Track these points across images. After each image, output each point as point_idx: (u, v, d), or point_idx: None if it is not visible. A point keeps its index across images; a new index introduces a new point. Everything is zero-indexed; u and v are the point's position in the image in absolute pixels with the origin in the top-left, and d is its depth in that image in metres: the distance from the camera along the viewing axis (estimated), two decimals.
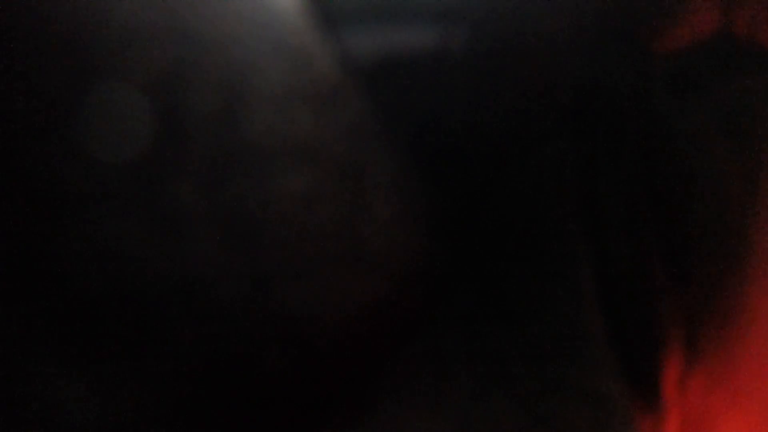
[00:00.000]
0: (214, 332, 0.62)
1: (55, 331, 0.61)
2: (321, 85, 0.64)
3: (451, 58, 0.69)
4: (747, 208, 0.77)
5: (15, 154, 0.57)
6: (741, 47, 0.76)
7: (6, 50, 0.57)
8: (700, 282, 0.77)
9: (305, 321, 0.65)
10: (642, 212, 0.77)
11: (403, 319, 0.71)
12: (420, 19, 0.67)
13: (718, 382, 0.77)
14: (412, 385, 0.73)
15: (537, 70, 0.71)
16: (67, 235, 0.59)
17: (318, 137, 0.64)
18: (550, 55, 0.71)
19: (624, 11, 0.73)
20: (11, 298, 0.59)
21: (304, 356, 0.66)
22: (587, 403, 0.75)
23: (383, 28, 0.67)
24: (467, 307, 0.74)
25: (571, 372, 0.75)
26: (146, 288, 0.61)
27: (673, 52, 0.75)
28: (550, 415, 0.74)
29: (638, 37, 0.75)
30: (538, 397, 0.75)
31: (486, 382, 0.74)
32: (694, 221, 0.77)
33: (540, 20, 0.69)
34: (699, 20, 0.75)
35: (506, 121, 0.72)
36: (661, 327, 0.77)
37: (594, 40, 0.73)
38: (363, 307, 0.67)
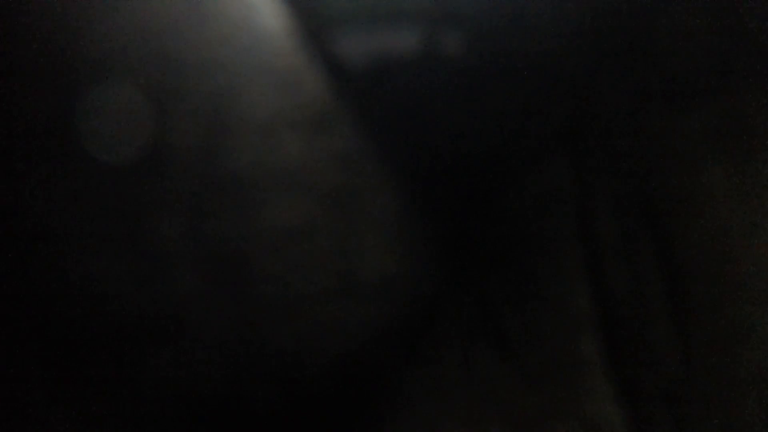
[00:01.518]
0: (202, 369, 0.60)
1: (41, 369, 0.59)
2: (308, 109, 0.62)
3: (444, 76, 0.67)
4: (746, 228, 0.76)
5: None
6: (733, 57, 0.75)
7: None
8: (697, 303, 0.76)
9: (297, 354, 0.63)
10: (638, 234, 0.76)
11: (399, 347, 0.70)
12: (413, 35, 0.66)
13: (716, 403, 0.76)
14: (410, 410, 0.71)
15: (533, 89, 0.69)
16: (52, 274, 0.57)
17: (306, 165, 0.61)
18: (547, 73, 0.70)
19: (620, 26, 0.72)
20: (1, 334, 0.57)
21: (296, 389, 0.64)
22: (584, 428, 0.74)
23: (371, 46, 0.65)
24: (463, 333, 0.73)
25: (568, 397, 0.74)
26: (132, 325, 0.58)
27: (665, 64, 0.74)
28: None
29: (634, 52, 0.74)
30: (534, 422, 0.74)
31: (482, 407, 0.73)
32: (692, 242, 0.76)
33: (536, 37, 0.67)
34: (691, 31, 0.74)
35: (500, 143, 0.71)
36: (658, 350, 0.76)
37: (591, 56, 0.71)
38: (358, 337, 0.65)
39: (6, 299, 0.59)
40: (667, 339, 0.76)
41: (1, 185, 0.57)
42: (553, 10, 0.67)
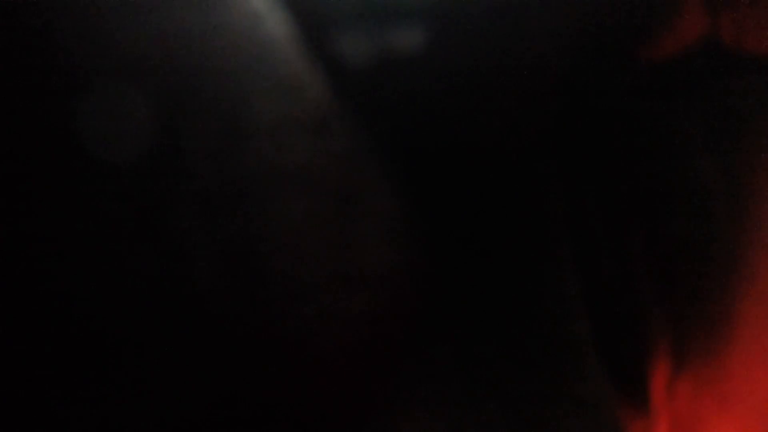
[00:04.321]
0: (217, 357, 0.64)
1: (52, 370, 0.62)
2: (312, 112, 0.66)
3: (439, 75, 0.70)
4: (733, 216, 0.78)
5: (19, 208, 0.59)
6: (728, 52, 0.77)
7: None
8: (686, 288, 0.78)
9: (305, 341, 0.66)
10: (628, 221, 0.78)
11: (399, 333, 0.73)
12: (411, 35, 0.68)
13: (706, 386, 0.79)
14: (408, 394, 0.74)
15: (526, 86, 0.72)
16: (65, 273, 0.61)
17: (310, 165, 0.65)
18: (540, 70, 0.72)
19: (610, 24, 0.74)
20: (19, 334, 0.61)
21: (305, 373, 0.67)
22: (577, 409, 0.77)
23: (369, 49, 0.68)
24: (460, 319, 0.76)
25: (562, 378, 0.76)
26: (150, 318, 0.62)
27: (659, 60, 0.76)
28: (542, 420, 0.76)
29: (624, 49, 0.76)
30: (529, 403, 0.76)
31: (479, 390, 0.76)
32: (680, 229, 0.78)
33: (530, 34, 0.70)
34: (686, 27, 0.76)
35: (494, 138, 0.73)
36: (648, 333, 0.78)
37: (581, 54, 0.74)
38: (360, 323, 0.68)
39: (17, 297, 0.61)
40: (657, 324, 0.79)
41: (13, 184, 0.60)
42: (548, 7, 0.70)
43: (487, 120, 0.71)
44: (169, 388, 0.63)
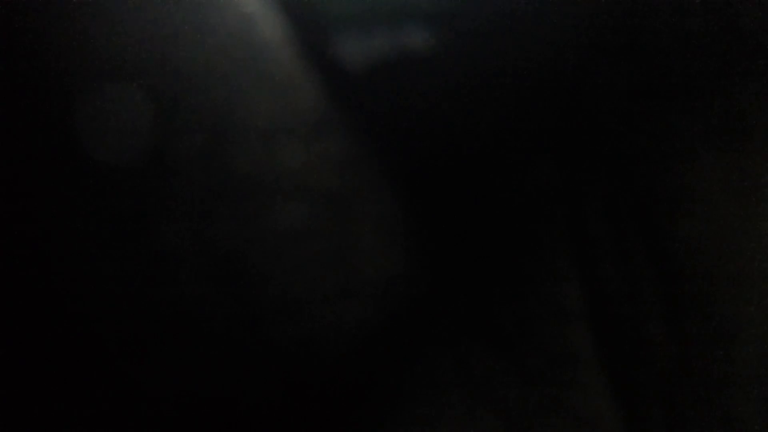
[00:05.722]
0: (204, 370, 0.62)
1: (43, 370, 0.61)
2: (306, 115, 0.64)
3: (438, 77, 0.69)
4: (741, 225, 0.77)
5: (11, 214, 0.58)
6: (728, 52, 0.76)
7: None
8: (691, 301, 0.78)
9: (298, 355, 0.65)
10: (632, 232, 0.77)
11: (396, 346, 0.72)
12: (402, 35, 0.68)
13: (710, 398, 0.78)
14: (407, 408, 0.73)
15: (527, 88, 0.71)
16: (54, 275, 0.59)
17: (305, 169, 0.64)
18: (540, 72, 0.71)
19: (616, 25, 0.74)
20: (10, 333, 0.59)
21: (298, 389, 0.66)
22: (577, 424, 0.76)
23: (366, 51, 0.67)
24: (459, 331, 0.75)
25: (562, 393, 0.75)
26: (134, 326, 0.61)
27: (660, 61, 0.76)
28: None
29: (626, 49, 0.75)
30: (529, 419, 0.75)
31: (478, 405, 0.75)
32: (685, 240, 0.77)
33: (531, 35, 0.69)
34: (681, 26, 0.76)
35: (494, 143, 0.73)
36: (652, 347, 0.77)
37: (585, 54, 0.73)
38: (356, 336, 0.67)
39: (8, 300, 0.60)
40: (661, 337, 0.78)
41: (5, 186, 0.59)
42: (548, 8, 0.69)
43: (485, 123, 0.70)
44: (158, 392, 0.62)
